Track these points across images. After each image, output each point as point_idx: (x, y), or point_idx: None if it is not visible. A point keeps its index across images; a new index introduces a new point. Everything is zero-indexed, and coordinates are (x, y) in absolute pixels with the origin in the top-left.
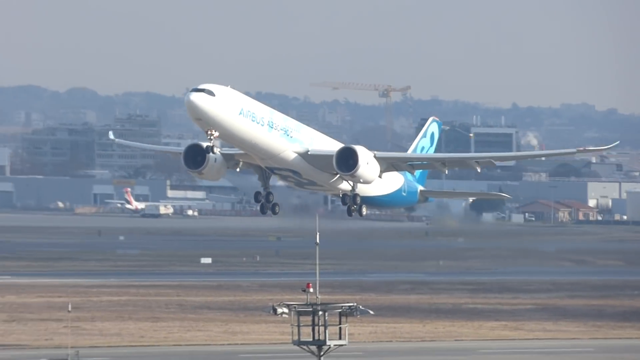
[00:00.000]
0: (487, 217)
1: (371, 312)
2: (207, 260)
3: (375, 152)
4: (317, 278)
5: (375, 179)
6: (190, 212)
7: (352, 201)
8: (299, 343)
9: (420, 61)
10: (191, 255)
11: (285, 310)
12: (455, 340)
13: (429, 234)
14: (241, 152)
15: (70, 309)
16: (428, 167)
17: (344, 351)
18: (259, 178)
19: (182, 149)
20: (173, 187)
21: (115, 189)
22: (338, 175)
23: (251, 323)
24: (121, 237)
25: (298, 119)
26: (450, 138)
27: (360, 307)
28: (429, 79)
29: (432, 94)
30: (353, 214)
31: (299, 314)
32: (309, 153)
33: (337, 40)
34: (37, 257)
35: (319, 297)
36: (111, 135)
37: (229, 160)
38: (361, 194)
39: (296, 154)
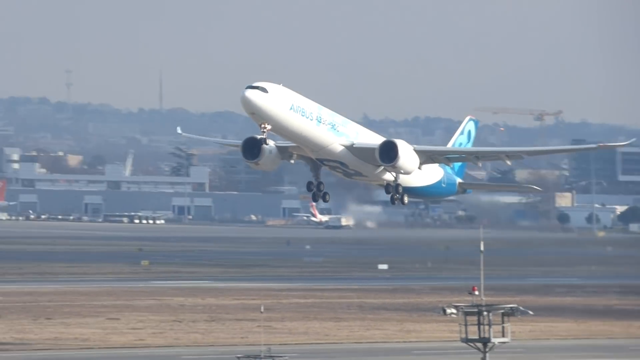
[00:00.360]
0: (634, 227)
1: (530, 313)
2: (383, 267)
3: (415, 145)
4: (482, 282)
5: (415, 170)
6: (368, 224)
7: (394, 191)
8: (466, 340)
9: (571, 86)
10: (369, 262)
11: (454, 310)
12: (607, 338)
13: (581, 243)
14: (294, 144)
15: (262, 310)
16: (463, 159)
17: (507, 348)
18: (311, 169)
19: (240, 141)
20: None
21: (302, 203)
22: (382, 167)
23: (423, 322)
24: (307, 246)
25: None
26: (598, 156)
27: (521, 308)
28: (579, 103)
29: (582, 117)
30: (396, 202)
31: (466, 314)
32: (354, 146)
33: (497, 67)
34: (233, 264)
35: (484, 299)
36: (179, 130)
37: (284, 152)
38: (404, 185)
39: (343, 147)
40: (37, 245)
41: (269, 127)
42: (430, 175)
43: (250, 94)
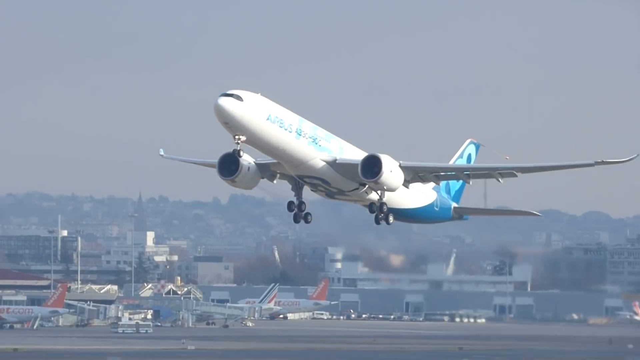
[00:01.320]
0: None
1: None
2: None
3: (401, 161)
4: None
5: (399, 187)
6: None
7: (379, 210)
8: None
9: None
10: None
11: None
12: None
13: None
14: (274, 161)
15: None
16: (453, 177)
17: None
18: (292, 188)
19: (215, 161)
20: None
21: (625, 302)
22: (367, 186)
23: None
24: (630, 345)
25: None
26: None
27: None
28: None
29: None
30: (381, 222)
31: None
32: (337, 162)
33: None
34: None
35: None
36: (161, 152)
37: (265, 171)
38: (392, 206)
39: (324, 163)
40: (358, 344)
41: (243, 138)
42: (421, 197)
43: (224, 102)
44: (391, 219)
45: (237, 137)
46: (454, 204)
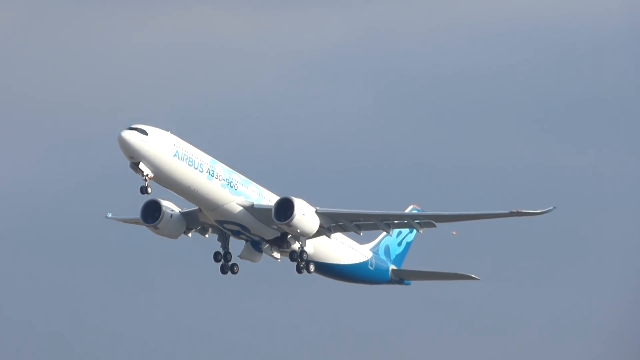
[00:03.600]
0: None
1: None
2: None
3: (318, 207)
4: None
5: (313, 231)
6: None
7: (299, 257)
8: None
9: None
10: None
11: None
12: None
13: None
14: (197, 208)
15: None
16: (373, 227)
17: None
18: (218, 238)
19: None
20: None
21: None
22: (289, 235)
23: None
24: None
25: None
26: None
27: None
28: None
29: None
30: (302, 271)
31: None
32: (254, 206)
33: None
34: None
35: None
36: (109, 215)
37: (192, 222)
38: (320, 260)
39: (241, 207)
40: None
41: (150, 175)
42: (353, 254)
43: (127, 135)
44: (312, 267)
45: (145, 173)
46: (392, 266)
